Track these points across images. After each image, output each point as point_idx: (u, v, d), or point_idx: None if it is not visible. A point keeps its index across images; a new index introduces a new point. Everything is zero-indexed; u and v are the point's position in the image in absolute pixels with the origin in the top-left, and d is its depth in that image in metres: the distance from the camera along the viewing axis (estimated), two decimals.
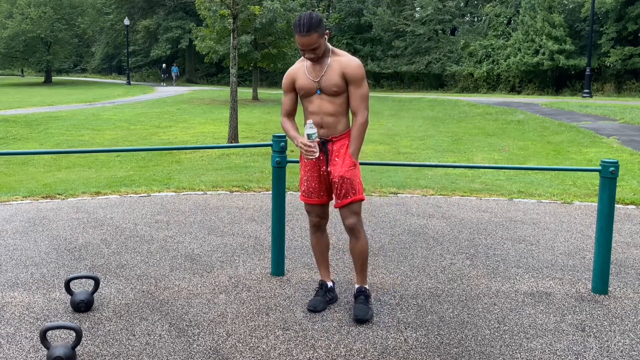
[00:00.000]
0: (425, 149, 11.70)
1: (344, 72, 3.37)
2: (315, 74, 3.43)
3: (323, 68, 3.41)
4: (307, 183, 3.60)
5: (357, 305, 3.52)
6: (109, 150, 4.55)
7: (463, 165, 4.43)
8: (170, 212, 5.95)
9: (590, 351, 3.16)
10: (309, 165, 3.58)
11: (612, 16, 30.41)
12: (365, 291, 3.59)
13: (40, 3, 44.12)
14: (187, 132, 15.23)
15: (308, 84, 3.45)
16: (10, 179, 8.63)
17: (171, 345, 3.16)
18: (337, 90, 3.39)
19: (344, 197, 3.44)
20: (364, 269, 3.59)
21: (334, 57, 3.43)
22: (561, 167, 4.28)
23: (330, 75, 3.39)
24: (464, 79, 36.82)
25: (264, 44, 26.63)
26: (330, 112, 3.43)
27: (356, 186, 3.45)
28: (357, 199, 3.45)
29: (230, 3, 12.42)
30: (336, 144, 3.47)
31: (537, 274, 4.30)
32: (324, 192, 3.60)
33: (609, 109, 19.85)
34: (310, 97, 3.47)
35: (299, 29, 3.29)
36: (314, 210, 3.65)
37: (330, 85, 3.39)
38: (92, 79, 55.30)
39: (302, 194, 3.66)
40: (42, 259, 4.50)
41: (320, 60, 3.43)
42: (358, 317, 3.43)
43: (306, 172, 3.60)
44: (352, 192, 3.44)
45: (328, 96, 3.42)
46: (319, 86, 3.42)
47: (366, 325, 3.42)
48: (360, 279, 3.61)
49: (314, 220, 3.68)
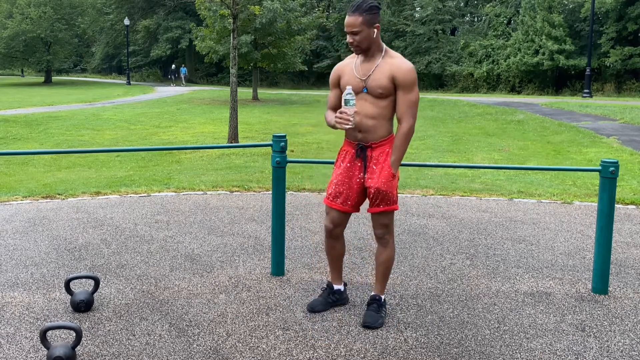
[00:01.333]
0: (425, 149, 11.70)
1: (393, 75, 3.20)
2: (362, 72, 3.27)
3: (372, 67, 3.25)
4: (336, 187, 3.42)
5: (368, 311, 3.44)
6: (109, 150, 4.55)
7: (463, 165, 4.43)
8: (170, 212, 5.95)
9: (590, 351, 3.16)
10: (343, 169, 3.41)
11: (612, 16, 30.41)
12: (380, 300, 3.50)
13: (40, 3, 44.13)
14: (187, 132, 15.23)
15: (354, 82, 3.28)
16: (10, 179, 8.63)
17: (171, 345, 3.16)
18: (383, 93, 3.22)
19: (376, 206, 3.33)
20: (385, 279, 3.49)
21: (386, 57, 3.25)
22: (561, 167, 4.28)
23: (378, 75, 3.22)
24: (464, 79, 36.84)
25: (264, 44, 26.63)
26: (371, 114, 3.26)
27: (392, 197, 3.32)
28: (390, 209, 3.34)
29: (230, 3, 12.42)
30: (375, 151, 3.31)
31: (537, 274, 4.30)
32: (352, 200, 3.42)
33: (609, 109, 19.85)
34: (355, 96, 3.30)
35: (350, 7, 3.19)
36: (333, 214, 3.47)
37: (376, 85, 3.22)
38: (92, 79, 55.31)
39: (327, 196, 3.48)
40: (42, 259, 4.50)
41: (370, 59, 3.27)
42: (366, 324, 3.36)
43: (337, 176, 3.43)
44: (385, 203, 3.32)
45: (372, 97, 3.25)
46: (365, 85, 3.25)
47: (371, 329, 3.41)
48: (378, 287, 3.51)
49: (328, 226, 3.51)
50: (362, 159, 3.34)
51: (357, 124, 3.27)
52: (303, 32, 27.76)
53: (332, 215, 3.48)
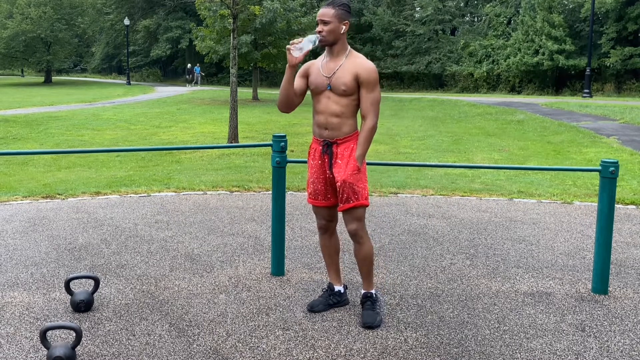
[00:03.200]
0: (425, 149, 11.69)
1: (357, 73, 3.32)
2: (328, 70, 3.39)
3: (337, 65, 3.38)
4: (314, 185, 3.53)
5: (365, 311, 3.47)
6: (109, 150, 4.55)
7: (463, 165, 4.43)
8: (170, 212, 5.95)
9: (590, 351, 3.16)
10: (314, 167, 3.52)
11: (612, 16, 30.40)
12: (372, 296, 3.53)
13: (40, 3, 44.13)
14: (187, 132, 15.23)
15: (319, 80, 3.41)
16: (10, 179, 8.63)
17: (171, 345, 3.16)
18: (346, 90, 3.33)
19: (345, 202, 3.38)
20: (370, 274, 3.53)
21: (350, 57, 3.39)
22: (561, 167, 4.28)
23: (342, 73, 3.34)
24: (464, 79, 36.83)
25: (264, 44, 26.63)
26: (335, 112, 3.36)
27: (359, 191, 3.37)
28: (359, 204, 3.37)
29: (230, 3, 12.41)
30: (340, 147, 3.40)
31: (537, 274, 4.30)
32: (331, 194, 3.52)
33: (609, 109, 19.84)
34: (319, 95, 3.42)
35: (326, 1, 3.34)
36: (321, 212, 3.58)
37: (340, 83, 3.33)
38: (92, 79, 55.31)
39: (309, 196, 3.60)
40: (42, 259, 4.50)
41: (335, 58, 3.40)
42: (367, 324, 3.38)
43: (312, 174, 3.54)
44: (354, 197, 3.36)
45: (336, 95, 3.37)
46: (329, 82, 3.37)
47: (372, 328, 3.41)
48: (366, 284, 3.55)
49: (321, 223, 3.61)
50: (329, 155, 3.43)
51: (323, 123, 3.40)
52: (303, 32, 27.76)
53: (320, 213, 3.60)
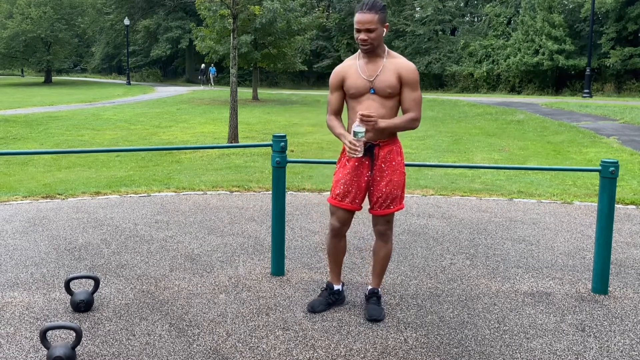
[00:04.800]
0: (425, 149, 11.69)
1: (400, 74, 3.27)
2: (369, 73, 3.31)
3: (378, 67, 3.30)
4: (345, 186, 3.43)
5: (371, 305, 3.54)
6: (109, 150, 4.55)
7: (463, 165, 4.43)
8: (170, 212, 5.95)
9: (590, 351, 3.16)
10: (350, 169, 3.42)
11: (612, 16, 30.41)
12: (378, 293, 3.63)
13: (40, 3, 44.12)
14: (187, 132, 15.23)
15: (360, 83, 3.32)
16: (10, 179, 8.63)
17: (171, 345, 3.16)
18: (391, 92, 3.28)
19: (386, 207, 3.40)
20: (383, 273, 3.62)
21: (389, 58, 3.33)
22: (561, 167, 4.28)
23: (386, 75, 3.28)
24: (464, 79, 36.84)
25: (264, 44, 26.63)
26: (380, 114, 3.29)
27: (401, 197, 3.44)
28: (399, 209, 3.46)
29: (230, 3, 12.41)
30: (383, 149, 3.36)
31: (537, 274, 4.30)
32: (359, 199, 3.46)
33: (609, 109, 19.85)
34: (361, 97, 3.34)
35: (361, 6, 3.23)
36: (340, 214, 3.49)
37: (385, 86, 3.27)
38: (92, 79, 55.30)
39: (334, 197, 3.48)
40: (42, 259, 4.50)
41: (374, 60, 3.32)
42: (372, 317, 3.45)
43: (345, 175, 3.43)
44: (394, 203, 3.42)
45: (380, 97, 3.30)
46: (372, 85, 3.30)
47: (367, 325, 3.42)
48: (376, 281, 3.63)
49: (335, 225, 3.52)
50: (370, 157, 3.38)
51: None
52: (303, 32, 27.77)
53: (339, 215, 3.51)
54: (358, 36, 3.26)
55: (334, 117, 3.48)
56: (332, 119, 3.47)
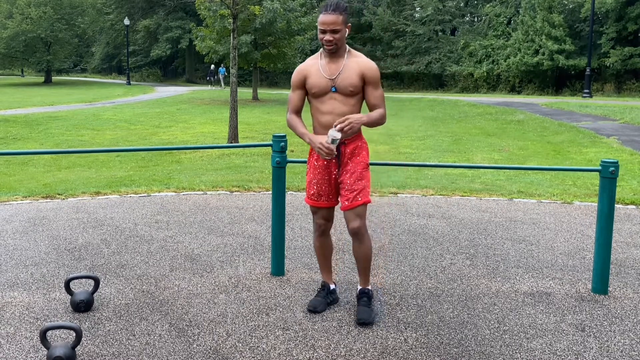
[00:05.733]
0: (425, 149, 11.69)
1: (364, 74, 3.34)
2: (330, 72, 3.36)
3: (339, 66, 3.35)
4: (317, 186, 3.52)
5: (361, 307, 3.49)
6: (109, 150, 4.55)
7: (463, 165, 4.43)
8: (170, 212, 5.95)
9: (590, 351, 3.16)
10: (319, 168, 3.50)
11: (612, 16, 30.41)
12: (368, 292, 3.56)
13: (40, 3, 44.11)
14: (187, 132, 15.23)
15: (322, 82, 3.37)
16: (10, 179, 8.63)
17: (171, 345, 3.16)
18: (353, 91, 3.33)
19: (353, 200, 3.38)
20: (367, 271, 3.56)
21: (351, 57, 3.38)
22: (561, 167, 4.28)
23: (347, 74, 3.33)
24: (464, 79, 36.83)
25: (264, 44, 26.63)
26: (344, 112, 3.34)
27: (365, 189, 3.40)
28: (364, 202, 3.39)
29: (230, 3, 12.41)
30: (349, 147, 3.41)
31: (537, 274, 4.30)
32: (333, 195, 3.53)
33: (609, 109, 19.85)
34: (323, 96, 3.38)
35: (325, 7, 3.28)
36: (321, 212, 3.58)
37: (347, 84, 3.32)
38: (92, 79, 55.29)
39: (309, 197, 3.57)
40: (42, 259, 4.50)
41: (336, 59, 3.37)
42: (361, 321, 3.39)
43: (316, 175, 3.52)
44: (360, 195, 3.38)
45: (342, 96, 3.35)
46: (334, 84, 3.34)
47: (367, 325, 3.41)
48: (363, 280, 3.58)
49: (319, 223, 3.60)
50: (337, 156, 3.42)
51: (331, 123, 3.36)
52: (303, 32, 27.77)
53: (320, 213, 3.59)
54: (323, 37, 3.32)
55: (294, 115, 3.51)
56: (292, 118, 3.50)
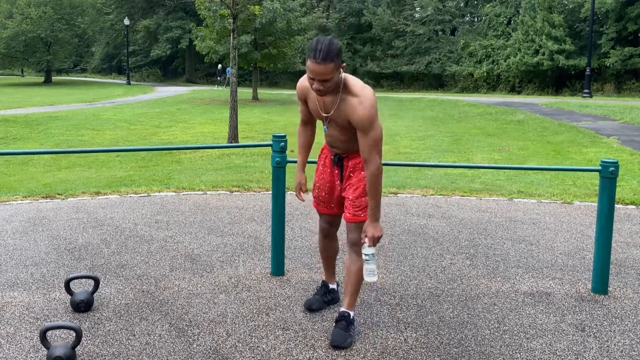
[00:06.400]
0: (425, 149, 11.69)
1: (349, 119, 3.04)
2: (324, 107, 3.15)
3: (334, 102, 3.08)
4: (318, 191, 3.47)
5: (336, 329, 3.18)
6: (109, 150, 4.55)
7: (463, 165, 4.43)
8: (170, 212, 5.95)
9: (590, 351, 3.16)
10: (323, 173, 3.43)
11: (612, 16, 30.41)
12: (349, 316, 3.23)
13: (40, 3, 44.10)
14: (187, 132, 15.23)
15: (317, 114, 3.24)
16: (10, 179, 8.63)
17: (171, 345, 3.16)
18: (345, 126, 3.12)
19: (354, 216, 3.22)
20: (356, 292, 3.25)
21: (345, 92, 3.04)
22: (561, 167, 4.28)
23: (338, 113, 3.09)
24: (464, 79, 36.83)
25: (264, 44, 26.64)
26: (343, 139, 3.21)
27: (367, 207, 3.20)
28: (366, 219, 3.16)
29: (230, 3, 12.41)
30: (352, 161, 3.27)
31: (537, 274, 4.30)
32: (335, 204, 3.42)
33: (609, 109, 19.85)
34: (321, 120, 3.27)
35: (314, 54, 2.89)
36: (324, 217, 3.53)
37: (340, 121, 3.11)
38: (92, 79, 55.28)
39: (313, 198, 3.53)
40: (42, 259, 4.50)
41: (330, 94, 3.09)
42: (335, 344, 3.11)
43: (320, 179, 3.46)
44: (363, 212, 3.20)
45: (339, 127, 3.16)
46: (326, 124, 3.20)
47: (367, 325, 3.41)
48: (347, 301, 3.25)
49: (323, 226, 3.54)
50: (339, 167, 3.34)
51: (329, 141, 3.31)
52: (303, 32, 27.78)
53: (324, 217, 3.54)
54: (312, 84, 2.98)
55: (302, 129, 3.51)
56: (300, 134, 3.52)
